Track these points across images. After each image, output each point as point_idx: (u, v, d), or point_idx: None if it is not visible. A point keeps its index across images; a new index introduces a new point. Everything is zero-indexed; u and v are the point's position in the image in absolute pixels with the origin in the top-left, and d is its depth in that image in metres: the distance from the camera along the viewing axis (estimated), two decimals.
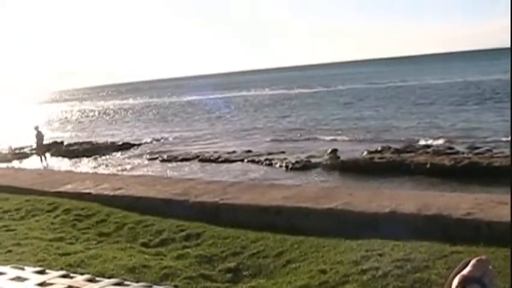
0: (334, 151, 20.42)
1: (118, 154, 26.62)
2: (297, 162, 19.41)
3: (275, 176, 17.80)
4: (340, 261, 5.60)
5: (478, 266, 1.08)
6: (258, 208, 7.89)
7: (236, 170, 19.86)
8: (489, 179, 13.78)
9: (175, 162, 22.91)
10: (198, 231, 7.08)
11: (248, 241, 6.56)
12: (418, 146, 20.45)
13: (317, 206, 7.54)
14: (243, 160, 21.41)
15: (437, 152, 18.72)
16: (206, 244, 6.66)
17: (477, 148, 19.26)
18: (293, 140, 26.21)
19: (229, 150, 24.09)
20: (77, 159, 26.07)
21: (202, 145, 27.26)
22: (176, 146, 28.03)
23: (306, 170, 18.64)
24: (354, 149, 21.53)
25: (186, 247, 6.64)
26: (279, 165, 19.71)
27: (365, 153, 19.89)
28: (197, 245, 6.66)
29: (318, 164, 19.24)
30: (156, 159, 24.03)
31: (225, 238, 6.73)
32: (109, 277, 2.30)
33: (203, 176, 18.00)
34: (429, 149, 19.59)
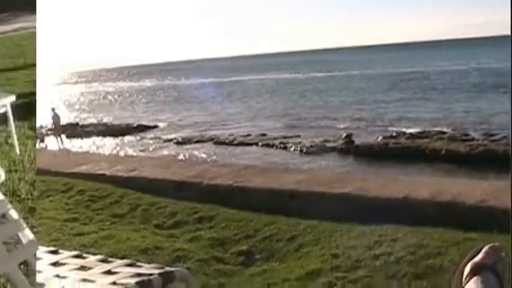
0: (349, 136, 20.35)
1: (133, 136, 26.77)
2: (312, 146, 19.42)
3: (289, 160, 17.82)
4: (353, 246, 5.58)
5: (490, 253, 1.08)
6: (272, 192, 7.88)
7: (251, 153, 19.91)
8: (505, 167, 13.67)
9: (190, 144, 23.02)
10: (211, 213, 7.09)
11: (261, 224, 6.56)
12: (433, 132, 20.31)
13: (331, 191, 7.52)
14: (258, 143, 21.43)
15: (453, 139, 18.60)
16: (219, 227, 6.67)
17: (493, 135, 19.09)
18: (308, 125, 26.15)
19: (243, 133, 24.12)
20: (92, 140, 26.28)
21: (216, 128, 27.31)
22: (190, 128, 28.12)
23: (321, 154, 18.64)
24: (369, 134, 21.47)
25: (199, 229, 6.65)
26: (294, 149, 19.73)
27: (380, 138, 19.81)
28: (210, 228, 6.68)
29: (333, 149, 19.23)
30: (171, 141, 24.14)
31: (238, 221, 6.73)
32: (122, 258, 2.31)
33: (217, 159, 18.07)
34: (444, 135, 19.45)
